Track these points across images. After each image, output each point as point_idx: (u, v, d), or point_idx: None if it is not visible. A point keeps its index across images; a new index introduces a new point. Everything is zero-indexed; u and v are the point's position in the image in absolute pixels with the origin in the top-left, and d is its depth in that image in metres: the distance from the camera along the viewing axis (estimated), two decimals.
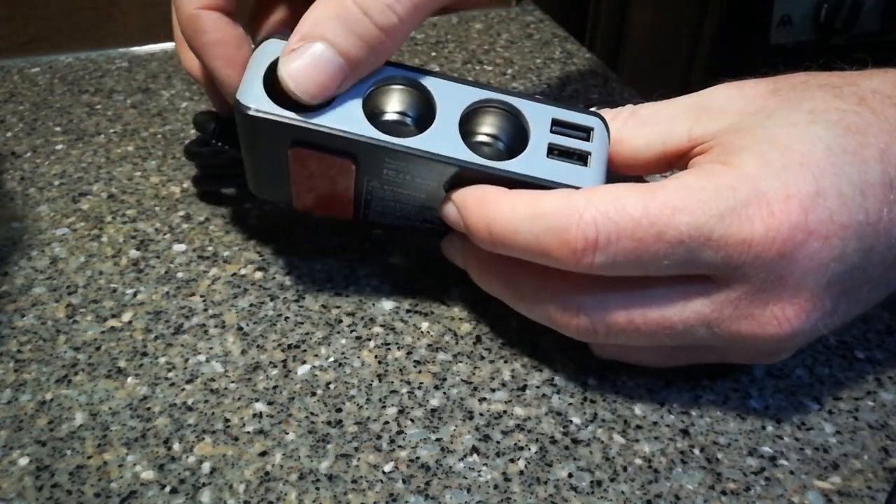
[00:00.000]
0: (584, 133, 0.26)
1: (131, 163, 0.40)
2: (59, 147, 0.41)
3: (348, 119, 0.25)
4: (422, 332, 0.30)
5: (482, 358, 0.29)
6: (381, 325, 0.30)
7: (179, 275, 0.33)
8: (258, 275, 0.33)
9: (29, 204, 0.37)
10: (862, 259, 0.23)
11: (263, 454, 0.25)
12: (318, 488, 0.24)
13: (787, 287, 0.23)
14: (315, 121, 0.25)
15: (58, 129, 0.43)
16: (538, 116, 0.26)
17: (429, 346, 0.29)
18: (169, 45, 0.52)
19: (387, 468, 0.25)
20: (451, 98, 0.26)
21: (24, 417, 0.27)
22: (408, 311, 0.31)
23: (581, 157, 0.26)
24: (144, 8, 0.53)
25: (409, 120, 0.26)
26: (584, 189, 0.24)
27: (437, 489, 0.24)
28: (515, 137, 0.26)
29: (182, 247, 0.34)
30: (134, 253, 0.34)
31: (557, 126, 0.26)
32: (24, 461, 0.25)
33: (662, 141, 0.26)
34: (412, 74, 0.26)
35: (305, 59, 0.24)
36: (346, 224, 0.36)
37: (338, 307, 0.31)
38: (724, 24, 0.40)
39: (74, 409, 0.27)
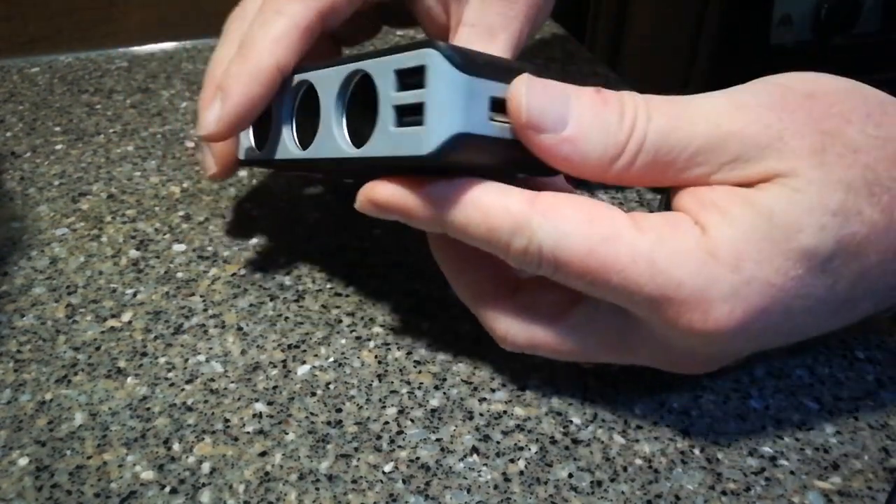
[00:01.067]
0: (419, 76, 0.21)
1: (131, 163, 0.40)
2: (58, 147, 0.41)
3: (282, 147, 0.28)
4: (422, 332, 0.30)
5: (482, 358, 0.29)
6: (381, 325, 0.30)
7: (179, 275, 0.33)
8: (258, 275, 0.33)
9: (29, 204, 0.37)
10: (804, 315, 0.22)
11: (263, 454, 0.25)
12: (317, 488, 0.24)
13: (709, 354, 0.24)
14: (262, 155, 0.29)
15: (57, 128, 0.43)
16: (384, 74, 0.22)
17: (429, 346, 0.29)
18: (168, 45, 0.52)
19: (387, 468, 0.25)
20: (325, 88, 0.25)
21: (23, 417, 0.27)
22: (408, 311, 0.31)
23: (416, 112, 0.21)
24: (144, 8, 0.53)
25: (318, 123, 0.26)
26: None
27: (437, 489, 0.24)
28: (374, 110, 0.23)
29: (182, 247, 0.34)
30: (134, 253, 0.34)
31: (399, 77, 0.22)
32: (23, 461, 0.25)
33: (674, 181, 0.23)
34: (305, 76, 0.26)
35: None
36: (346, 224, 0.36)
37: (338, 307, 0.31)
38: (724, 23, 0.40)
39: (74, 409, 0.27)
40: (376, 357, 0.29)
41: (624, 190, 0.38)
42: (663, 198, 0.26)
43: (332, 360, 0.29)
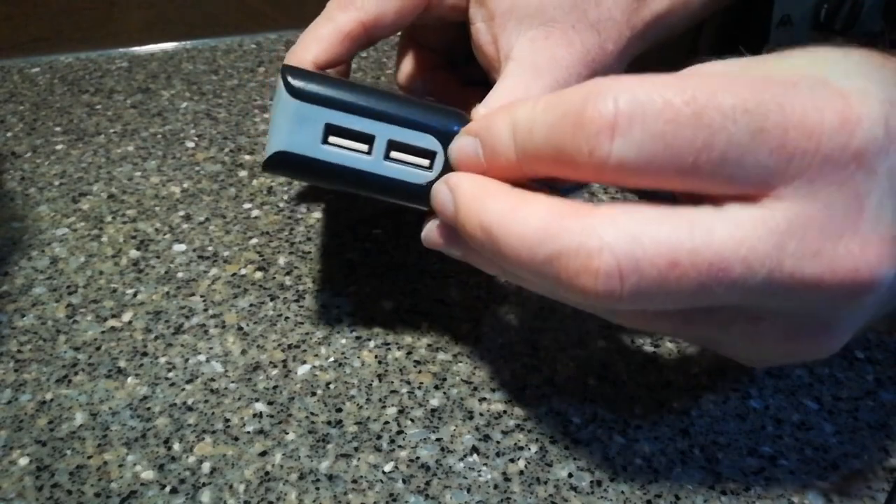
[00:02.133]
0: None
1: (131, 163, 0.40)
2: (59, 147, 0.41)
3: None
4: (422, 332, 0.30)
5: (482, 358, 0.29)
6: (381, 325, 0.30)
7: (179, 275, 0.33)
8: (258, 275, 0.33)
9: (29, 204, 0.37)
10: None
11: (263, 454, 0.25)
12: (318, 488, 0.24)
13: (866, 212, 0.18)
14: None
15: (58, 129, 0.43)
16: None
17: (429, 345, 0.29)
18: (169, 45, 0.52)
19: (387, 468, 0.25)
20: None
21: (24, 417, 0.27)
22: (408, 311, 0.31)
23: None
24: (144, 8, 0.53)
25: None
26: (608, 78, 0.19)
27: (437, 489, 0.24)
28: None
29: (182, 247, 0.34)
30: (134, 253, 0.34)
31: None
32: (24, 461, 0.25)
33: None
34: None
35: None
36: (346, 224, 0.36)
37: (338, 307, 0.31)
38: (724, 24, 0.40)
39: (74, 408, 0.27)
40: (376, 357, 0.29)
41: (624, 191, 0.38)
42: None
43: (332, 359, 0.29)
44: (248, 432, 0.26)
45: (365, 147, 0.24)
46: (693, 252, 0.18)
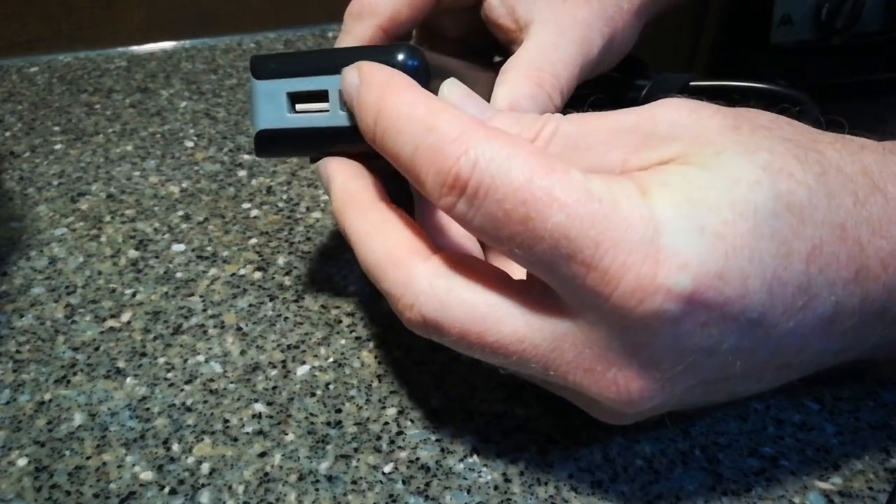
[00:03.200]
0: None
1: (130, 162, 0.40)
2: (57, 147, 0.41)
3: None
4: None
5: None
6: (381, 326, 0.30)
7: (178, 275, 0.33)
8: (257, 275, 0.33)
9: (28, 204, 0.37)
10: (736, 357, 0.20)
11: (263, 455, 0.25)
12: (317, 489, 0.24)
13: (639, 358, 0.20)
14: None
15: (56, 128, 0.43)
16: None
17: (429, 346, 0.29)
18: (168, 45, 0.52)
19: (386, 469, 0.25)
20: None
21: (22, 418, 0.27)
22: None
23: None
24: (143, 8, 0.53)
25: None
26: (494, 120, 0.22)
27: (437, 490, 0.24)
28: None
29: (181, 247, 0.34)
30: (133, 253, 0.34)
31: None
32: (22, 462, 0.25)
33: (588, 169, 0.21)
34: None
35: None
36: None
37: (337, 307, 0.31)
38: (725, 23, 0.40)
39: (73, 409, 0.27)
40: (376, 357, 0.29)
41: None
42: None
43: (331, 360, 0.29)
44: (248, 433, 0.26)
45: (325, 105, 0.25)
46: (480, 335, 0.21)
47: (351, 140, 0.25)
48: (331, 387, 0.28)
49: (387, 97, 0.22)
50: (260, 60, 0.26)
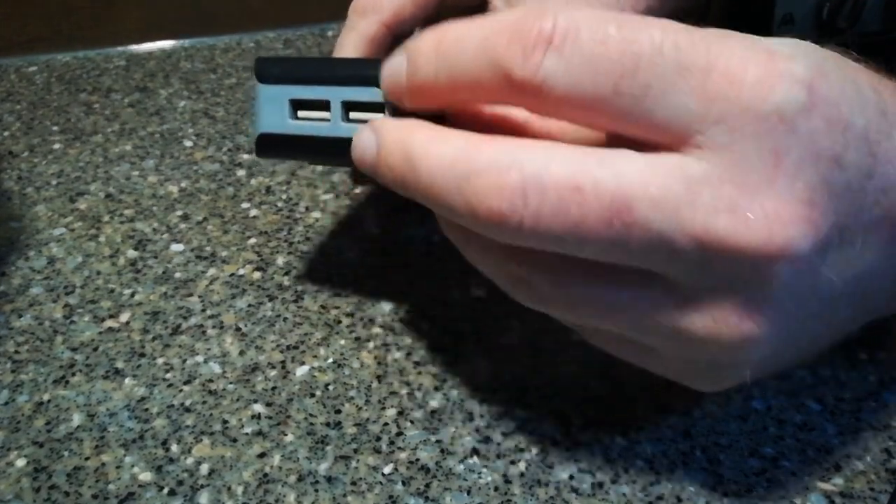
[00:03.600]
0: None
1: (129, 162, 0.40)
2: (56, 146, 0.41)
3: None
4: (422, 332, 0.30)
5: (482, 358, 0.29)
6: (381, 326, 0.30)
7: (177, 275, 0.33)
8: (256, 275, 0.33)
9: (26, 203, 0.37)
10: (860, 181, 0.19)
11: (262, 456, 0.25)
12: (316, 490, 0.24)
13: (782, 170, 0.18)
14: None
15: (55, 128, 0.43)
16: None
17: (429, 346, 0.29)
18: (167, 44, 0.52)
19: (386, 470, 0.25)
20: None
21: (21, 418, 0.26)
22: (407, 311, 0.31)
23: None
24: (142, 7, 0.53)
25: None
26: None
27: (437, 491, 0.24)
28: None
29: (180, 247, 0.34)
30: (132, 253, 0.34)
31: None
32: (21, 462, 0.25)
33: None
34: None
35: None
36: (345, 224, 0.35)
37: (337, 308, 0.31)
38: (726, 23, 0.40)
39: (72, 409, 0.27)
40: (376, 358, 0.29)
41: None
42: None
43: (331, 360, 0.29)
44: (247, 434, 0.26)
45: (326, 114, 0.25)
46: (597, 182, 0.18)
47: (350, 153, 0.25)
48: (330, 387, 0.28)
49: (440, 32, 0.20)
50: (265, 64, 0.26)
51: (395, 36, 0.31)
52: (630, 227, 0.18)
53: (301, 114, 0.25)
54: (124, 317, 0.31)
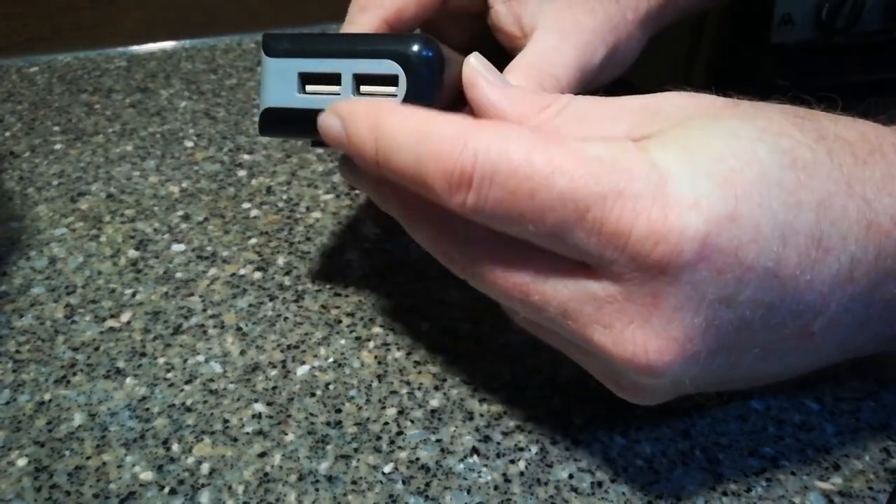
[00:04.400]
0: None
1: (130, 162, 0.40)
2: (57, 147, 0.41)
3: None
4: (422, 332, 0.30)
5: (482, 358, 0.29)
6: (381, 326, 0.30)
7: (178, 275, 0.33)
8: (257, 275, 0.33)
9: (27, 204, 0.37)
10: (755, 315, 0.20)
11: (263, 455, 0.25)
12: (317, 489, 0.24)
13: (659, 311, 0.20)
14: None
15: (56, 128, 0.43)
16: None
17: (429, 346, 0.29)
18: (167, 45, 0.52)
19: (386, 469, 0.25)
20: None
21: (22, 418, 0.27)
22: (407, 311, 0.31)
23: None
24: (143, 8, 0.53)
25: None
26: (482, 119, 0.22)
27: (437, 490, 0.24)
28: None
29: (181, 247, 0.34)
30: (133, 253, 0.34)
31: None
32: (22, 462, 0.25)
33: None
34: None
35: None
36: (345, 225, 0.36)
37: (337, 307, 0.31)
38: (725, 23, 0.40)
39: (73, 409, 0.27)
40: (376, 357, 0.29)
41: None
42: None
43: (331, 360, 0.29)
44: (248, 433, 0.26)
45: (336, 88, 0.25)
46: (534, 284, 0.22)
47: None
48: (331, 387, 0.28)
49: (378, 122, 0.22)
50: (273, 38, 0.26)
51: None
52: (529, 310, 0.22)
53: (310, 88, 0.25)
54: (125, 316, 0.31)
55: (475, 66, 0.24)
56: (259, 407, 0.27)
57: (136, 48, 0.52)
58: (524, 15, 0.32)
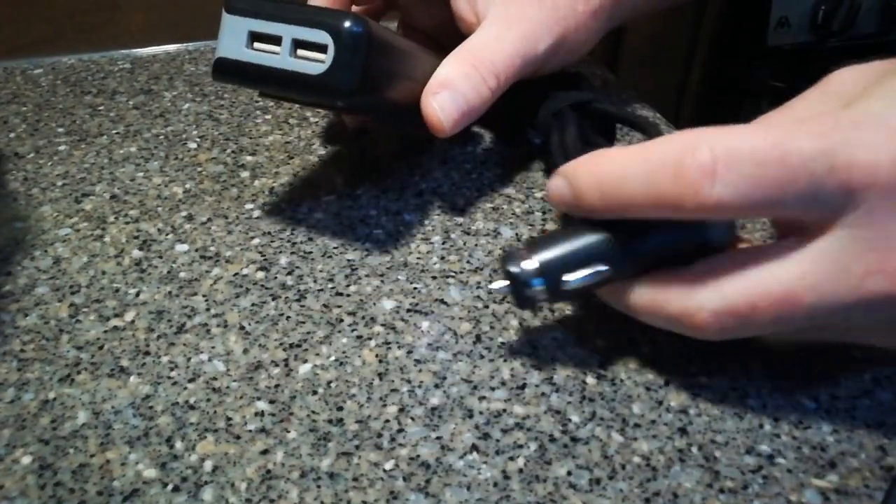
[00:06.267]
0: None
1: (134, 163, 0.40)
2: (61, 148, 0.42)
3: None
4: (422, 331, 0.30)
5: (482, 357, 0.29)
6: (382, 325, 0.30)
7: (182, 274, 0.33)
8: (260, 274, 0.33)
9: (32, 204, 0.37)
10: None
11: (265, 452, 0.26)
12: (319, 486, 0.25)
13: None
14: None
15: (60, 130, 0.43)
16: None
17: (429, 345, 0.30)
18: (171, 47, 0.53)
19: (387, 466, 0.25)
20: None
21: (27, 416, 0.27)
22: (408, 310, 0.31)
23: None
24: (147, 10, 0.53)
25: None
26: (693, 130, 0.23)
27: (437, 487, 0.25)
28: None
29: (184, 247, 0.35)
30: (136, 253, 0.34)
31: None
32: (26, 460, 0.25)
33: None
34: None
35: (448, 100, 0.31)
36: (347, 224, 0.36)
37: (339, 307, 0.31)
38: (722, 25, 0.41)
39: (77, 407, 0.27)
40: (377, 356, 0.29)
41: None
42: None
43: (333, 358, 0.29)
44: (250, 431, 0.26)
45: (277, 48, 0.29)
46: (766, 294, 0.22)
47: (293, 85, 0.29)
48: (332, 385, 0.28)
49: (597, 167, 0.24)
50: None
51: (359, 10, 0.35)
52: (803, 312, 0.22)
53: (257, 45, 0.29)
54: (129, 316, 0.31)
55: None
56: (261, 405, 0.27)
57: (139, 50, 0.52)
58: (478, 3, 0.35)
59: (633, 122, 0.35)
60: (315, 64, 0.28)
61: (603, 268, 0.25)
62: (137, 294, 0.32)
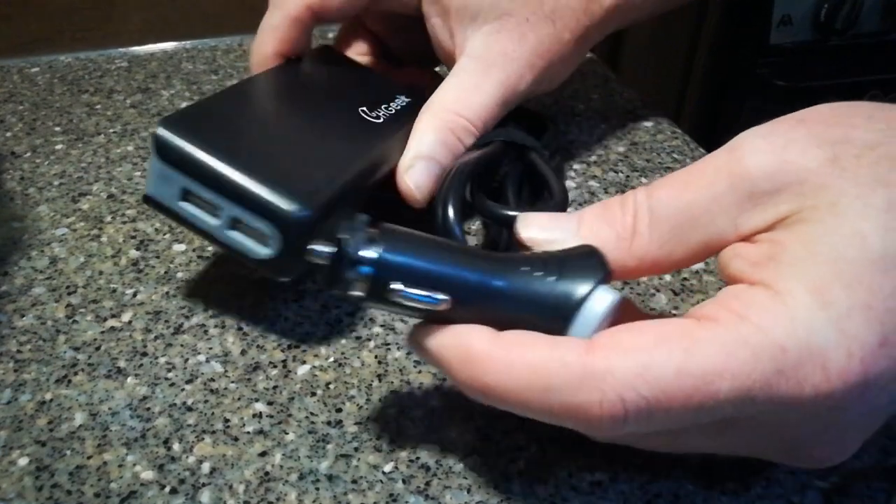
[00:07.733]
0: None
1: (131, 163, 0.40)
2: (58, 147, 0.41)
3: None
4: None
5: None
6: (381, 325, 0.30)
7: (179, 275, 0.33)
8: (258, 274, 0.33)
9: (29, 204, 0.37)
10: None
11: (263, 454, 0.25)
12: (317, 488, 0.24)
13: (835, 428, 0.21)
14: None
15: (57, 128, 0.43)
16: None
17: None
18: (168, 45, 0.52)
19: (387, 468, 0.25)
20: None
21: (23, 417, 0.27)
22: None
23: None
24: (144, 8, 0.53)
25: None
26: (601, 352, 0.20)
27: (437, 489, 0.24)
28: None
29: (182, 247, 0.34)
30: (134, 253, 0.34)
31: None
32: (23, 461, 0.25)
33: (704, 245, 0.22)
34: None
35: (423, 173, 0.30)
36: None
37: (338, 307, 0.31)
38: (724, 23, 0.40)
39: (74, 409, 0.27)
40: (376, 357, 0.29)
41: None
42: None
43: (332, 359, 0.29)
44: (248, 432, 0.26)
45: (213, 218, 0.27)
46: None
47: (230, 251, 0.27)
48: (331, 386, 0.28)
49: (479, 375, 0.21)
50: (165, 143, 0.26)
51: (318, 19, 0.33)
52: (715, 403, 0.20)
53: (191, 201, 0.27)
54: (126, 316, 0.31)
55: (533, 234, 0.23)
56: (260, 406, 0.27)
57: (136, 49, 0.52)
58: (457, 33, 0.33)
59: (550, 188, 0.31)
60: (256, 247, 0.26)
61: (443, 297, 0.21)
62: (135, 294, 0.32)
